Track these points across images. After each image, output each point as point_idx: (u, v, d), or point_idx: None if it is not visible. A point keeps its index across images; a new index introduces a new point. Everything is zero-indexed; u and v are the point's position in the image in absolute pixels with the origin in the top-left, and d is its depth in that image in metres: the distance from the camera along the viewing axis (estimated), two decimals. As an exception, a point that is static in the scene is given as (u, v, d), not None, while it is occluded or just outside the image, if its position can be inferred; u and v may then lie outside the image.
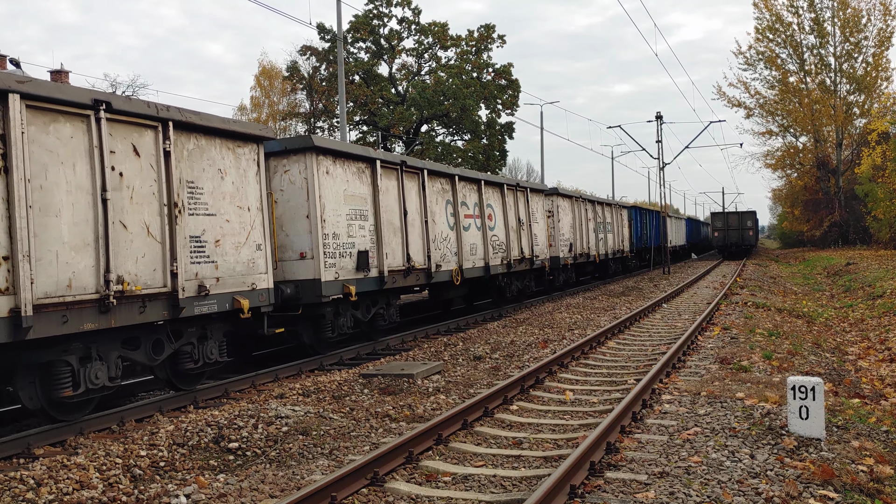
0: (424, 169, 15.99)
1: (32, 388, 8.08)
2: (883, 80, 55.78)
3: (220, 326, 10.41)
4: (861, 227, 55.39)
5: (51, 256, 7.70)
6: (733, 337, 13.56)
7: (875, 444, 6.87)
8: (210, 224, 9.88)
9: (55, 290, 7.71)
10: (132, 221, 8.70)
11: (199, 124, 9.70)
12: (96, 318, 8.10)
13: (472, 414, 8.03)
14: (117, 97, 8.71)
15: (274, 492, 5.98)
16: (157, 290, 8.90)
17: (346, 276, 12.89)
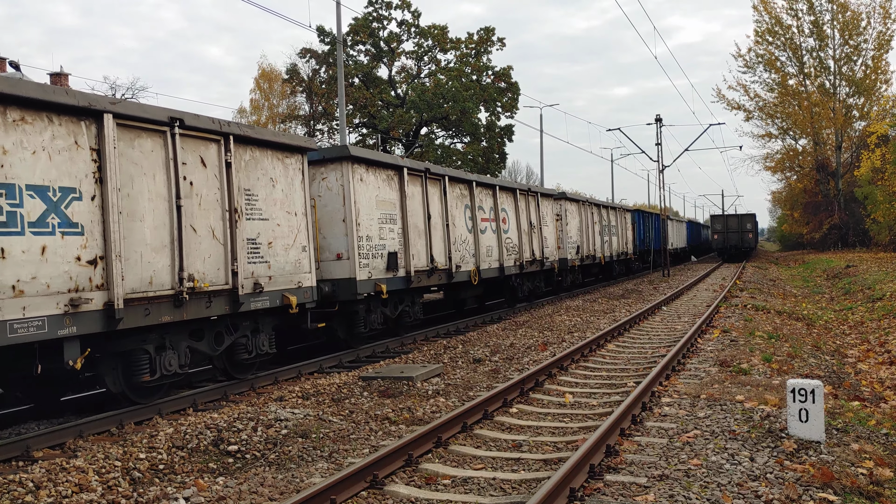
0: (446, 176, 16.94)
1: (115, 373, 9.04)
2: (882, 82, 55.85)
3: (270, 321, 11.41)
4: (860, 230, 55.42)
5: (136, 256, 8.79)
6: (733, 340, 13.55)
7: (875, 446, 6.87)
8: (263, 228, 10.96)
9: (139, 286, 8.78)
10: (200, 225, 9.75)
11: (253, 137, 10.78)
12: (172, 312, 9.16)
13: (471, 417, 8.02)
14: (188, 114, 9.62)
15: (273, 495, 5.97)
16: (220, 287, 9.96)
17: (377, 276, 13.87)
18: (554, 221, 25.25)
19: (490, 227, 19.51)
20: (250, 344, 10.92)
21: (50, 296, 7.75)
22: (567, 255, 26.13)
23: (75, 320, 7.98)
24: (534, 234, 22.74)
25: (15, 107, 7.61)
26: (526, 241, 21.95)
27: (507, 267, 20.23)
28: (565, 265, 25.92)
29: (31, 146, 7.73)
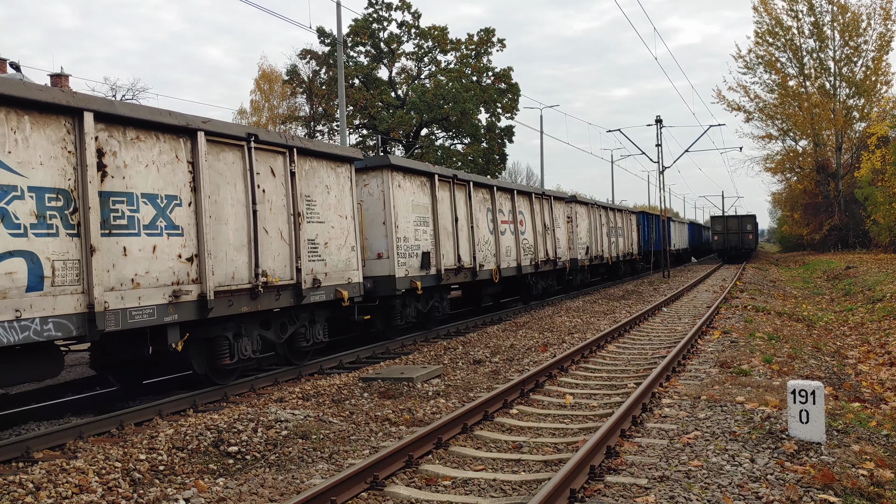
0: (470, 181, 18.31)
1: (201, 357, 10.35)
2: (882, 84, 55.86)
3: (324, 313, 12.80)
4: (861, 231, 55.41)
5: (222, 255, 10.13)
6: (733, 341, 13.55)
7: (875, 448, 6.86)
8: (321, 230, 12.32)
9: (224, 280, 10.13)
10: (271, 228, 11.10)
11: (312, 149, 12.18)
12: (249, 303, 10.53)
13: (471, 418, 8.02)
14: (261, 130, 11.20)
15: (273, 496, 5.97)
16: (286, 282, 11.31)
17: (413, 273, 15.18)
18: (565, 223, 26.51)
19: (509, 228, 20.79)
20: (308, 333, 12.34)
21: (158, 288, 9.11)
22: (577, 255, 27.38)
23: (177, 309, 9.35)
24: (547, 236, 24.02)
25: (132, 127, 8.96)
26: (540, 241, 23.22)
27: (524, 266, 21.49)
28: (576, 265, 27.19)
29: (144, 160, 9.10)
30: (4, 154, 7.54)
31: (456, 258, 17.11)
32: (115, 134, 8.76)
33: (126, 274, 8.70)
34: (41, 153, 7.90)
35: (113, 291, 8.50)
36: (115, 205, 8.68)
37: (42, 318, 7.72)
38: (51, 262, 7.90)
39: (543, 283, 24.05)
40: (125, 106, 9.02)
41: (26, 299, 7.59)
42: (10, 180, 7.57)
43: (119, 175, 8.76)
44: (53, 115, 8.08)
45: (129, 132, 8.90)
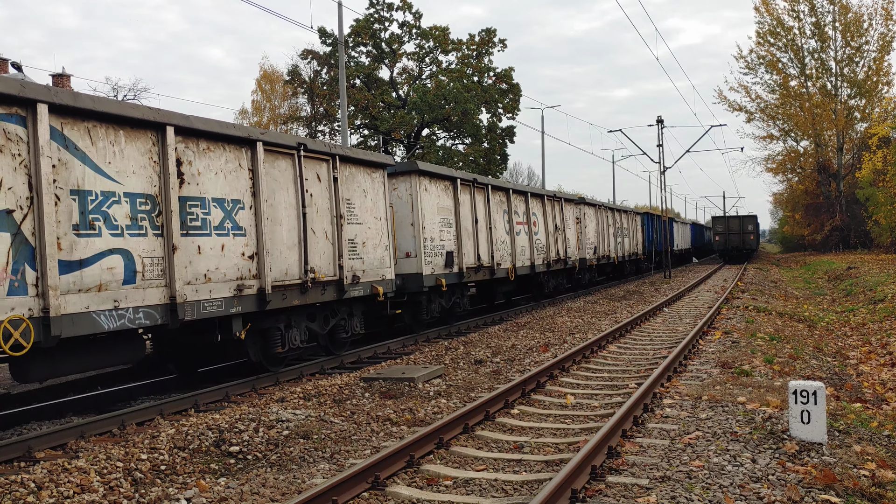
0: (489, 185, 19.42)
1: (257, 346, 11.29)
2: (884, 84, 55.83)
3: (360, 307, 13.82)
4: (862, 232, 55.37)
5: (277, 253, 11.23)
6: (734, 341, 13.54)
7: (877, 448, 6.86)
8: (359, 230, 13.39)
9: (279, 276, 11.20)
10: (317, 229, 12.20)
11: (351, 157, 13.24)
12: (299, 297, 11.60)
13: (473, 418, 8.02)
14: (309, 140, 12.25)
15: (275, 496, 5.97)
16: (330, 278, 12.42)
17: (438, 271, 16.26)
18: (575, 224, 27.56)
19: (523, 229, 21.85)
20: (347, 325, 13.36)
21: (225, 282, 10.16)
22: (586, 254, 28.39)
23: (240, 301, 10.39)
24: (558, 236, 25.18)
25: (203, 139, 10.00)
26: (552, 242, 24.40)
27: (537, 265, 22.63)
28: (584, 264, 28.22)
29: (213, 168, 10.14)
30: (105, 164, 8.65)
31: (476, 257, 18.20)
32: (190, 145, 9.79)
33: (200, 270, 9.78)
34: (133, 163, 8.98)
35: (189, 285, 9.58)
36: (190, 208, 9.74)
37: (134, 308, 8.83)
38: (141, 259, 8.99)
39: (554, 282, 25.18)
40: (199, 120, 9.94)
41: (122, 291, 8.69)
42: (110, 187, 8.69)
43: (194, 182, 9.82)
44: (142, 129, 9.10)
45: (201, 143, 9.98)
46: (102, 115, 8.54)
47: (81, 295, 8.22)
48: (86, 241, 8.33)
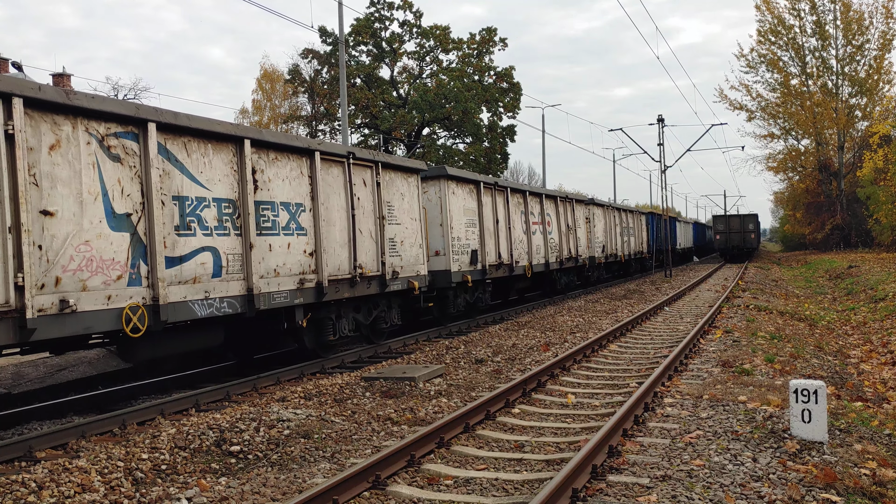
0: (508, 187, 20.72)
1: (311, 334, 12.45)
2: (885, 83, 55.80)
3: (398, 300, 15.08)
4: (863, 230, 55.34)
5: (331, 250, 12.52)
6: (735, 340, 13.53)
7: (878, 447, 6.86)
8: (398, 230, 14.62)
9: (333, 271, 12.49)
10: (363, 229, 13.43)
11: (391, 163, 14.52)
12: (349, 290, 12.90)
13: (473, 417, 8.02)
14: (356, 149, 13.51)
15: (276, 495, 5.97)
16: (374, 274, 13.67)
17: (464, 269, 17.50)
18: (585, 224, 28.75)
19: (539, 229, 23.15)
20: (387, 317, 14.56)
21: (291, 276, 11.41)
22: (595, 253, 29.63)
23: (302, 293, 11.64)
24: (570, 235, 26.44)
25: (272, 150, 11.24)
26: (564, 241, 25.72)
27: (551, 263, 23.94)
28: (593, 262, 29.50)
29: (280, 176, 11.40)
30: (198, 173, 9.87)
31: (497, 255, 19.43)
32: (262, 155, 11.04)
33: (270, 265, 11.02)
34: (219, 172, 10.21)
35: (262, 279, 10.80)
36: (263, 211, 10.98)
37: (220, 298, 10.05)
38: (226, 255, 10.21)
39: (566, 279, 26.58)
40: (269, 133, 11.44)
41: (211, 283, 9.92)
42: (202, 193, 9.90)
43: (265, 188, 11.06)
44: (225, 142, 10.31)
45: (270, 154, 11.23)
46: (195, 130, 9.75)
47: (181, 286, 9.48)
48: (184, 239, 9.59)
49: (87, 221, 8.31)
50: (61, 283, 7.94)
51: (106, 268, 8.50)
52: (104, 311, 8.38)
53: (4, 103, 7.45)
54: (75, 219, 8.18)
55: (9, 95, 7.45)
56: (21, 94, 7.54)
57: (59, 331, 7.88)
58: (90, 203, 8.37)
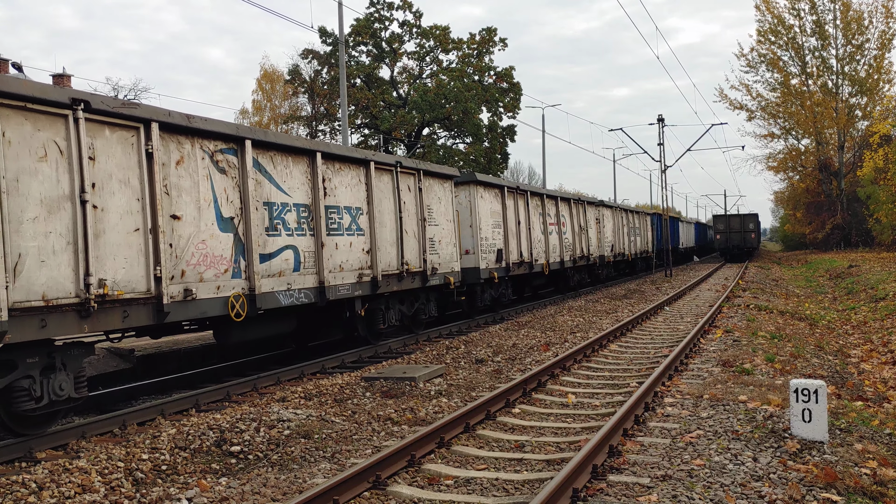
0: (528, 191, 22.46)
1: (364, 323, 13.91)
2: (885, 82, 55.72)
3: (435, 294, 16.49)
4: (863, 230, 55.29)
5: (383, 249, 13.95)
6: (735, 340, 13.53)
7: (878, 446, 6.85)
8: (435, 231, 16.06)
9: (384, 267, 13.91)
10: (408, 229, 14.85)
11: (430, 170, 16.00)
12: (397, 284, 14.36)
13: (474, 417, 8.01)
14: (403, 158, 15.10)
15: (276, 495, 5.97)
16: (417, 270, 15.11)
17: (491, 266, 18.98)
18: (595, 224, 30.13)
19: (555, 230, 24.62)
20: (426, 309, 16.08)
21: (351, 271, 12.96)
22: (604, 252, 31.13)
23: (361, 286, 13.16)
24: (582, 235, 27.93)
25: (337, 161, 12.83)
26: (577, 240, 27.26)
27: (566, 261, 25.52)
28: (603, 261, 30.95)
29: (343, 183, 12.98)
30: (282, 182, 11.43)
31: (519, 254, 20.87)
32: (329, 166, 12.58)
33: (336, 261, 12.56)
34: (297, 181, 11.79)
35: (331, 273, 12.32)
36: (330, 214, 12.51)
37: (299, 289, 11.56)
38: (303, 252, 11.78)
39: (578, 277, 28.23)
40: (335, 146, 13.21)
41: (292, 276, 11.48)
42: (285, 199, 11.49)
43: (332, 194, 12.60)
44: (301, 155, 11.93)
45: (335, 164, 12.80)
46: (279, 146, 11.37)
47: (269, 279, 10.93)
48: (272, 239, 11.11)
49: (203, 224, 9.82)
50: (185, 276, 9.45)
51: (216, 263, 10.00)
52: (215, 299, 9.87)
53: (145, 127, 8.86)
54: (195, 222, 9.69)
55: (148, 121, 8.87)
56: (157, 119, 8.99)
57: (184, 314, 9.36)
58: (205, 208, 9.90)
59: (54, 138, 7.78)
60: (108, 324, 8.29)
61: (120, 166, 8.57)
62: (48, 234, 7.62)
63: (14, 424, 7.78)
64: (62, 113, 7.82)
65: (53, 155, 7.76)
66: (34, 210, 7.49)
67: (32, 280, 7.40)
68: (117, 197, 8.50)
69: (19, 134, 7.42)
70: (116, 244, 8.43)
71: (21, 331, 7.20)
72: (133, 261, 8.63)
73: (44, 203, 7.60)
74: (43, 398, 7.73)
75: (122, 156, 8.62)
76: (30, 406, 7.59)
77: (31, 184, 7.49)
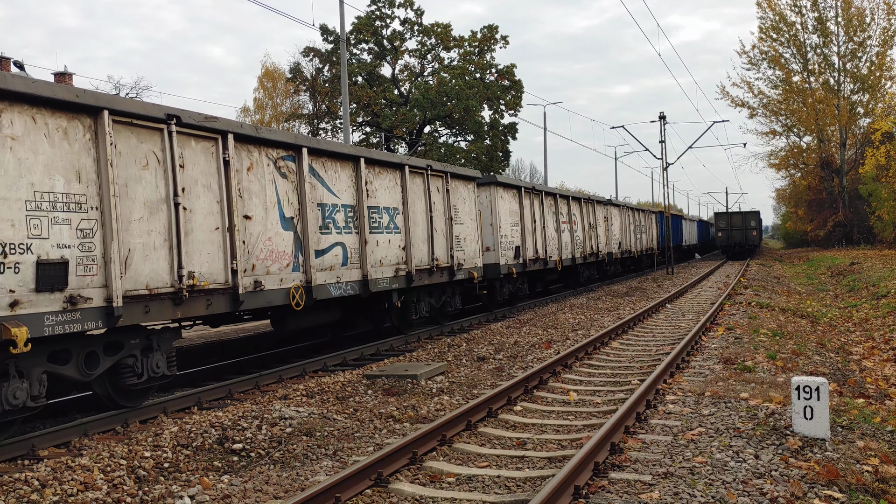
0: (543, 191, 23.67)
1: (398, 314, 15.12)
2: (887, 79, 55.60)
3: (459, 288, 17.61)
4: (865, 227, 55.23)
5: (416, 246, 15.12)
6: (737, 337, 13.53)
7: (880, 444, 6.85)
8: (461, 229, 17.17)
9: (417, 263, 15.08)
10: (438, 228, 16.03)
11: (457, 173, 17.23)
12: (428, 278, 15.50)
13: (475, 415, 8.02)
14: (433, 162, 16.24)
15: (278, 493, 5.98)
16: (445, 265, 16.24)
17: (510, 262, 20.08)
18: (604, 222, 31.14)
19: (567, 228, 25.75)
20: (452, 301, 17.21)
21: (389, 266, 14.08)
22: (612, 249, 32.22)
23: (397, 280, 14.29)
24: (592, 233, 28.99)
25: (377, 165, 13.93)
26: (587, 238, 28.38)
27: (577, 258, 26.60)
28: (611, 257, 32.05)
29: (382, 185, 14.08)
30: (332, 185, 12.63)
31: (534, 251, 22.01)
32: (371, 170, 13.71)
33: (377, 257, 13.66)
34: (344, 184, 12.99)
35: (372, 267, 13.44)
36: (372, 214, 13.62)
37: (346, 282, 12.76)
38: (349, 249, 12.94)
39: (588, 273, 29.38)
40: (376, 153, 14.29)
41: (340, 270, 12.67)
42: (335, 201, 12.69)
43: (373, 195, 13.73)
44: (347, 161, 13.12)
45: (376, 168, 13.94)
46: (329, 152, 12.56)
47: (322, 272, 12.12)
48: (325, 237, 12.30)
49: (269, 223, 10.99)
50: (255, 269, 10.60)
51: (279, 257, 11.14)
52: (279, 289, 11.03)
53: (222, 138, 10.01)
54: (262, 221, 10.86)
55: (225, 132, 10.02)
56: (232, 131, 10.17)
57: (254, 303, 10.53)
58: (270, 209, 11.06)
59: (153, 149, 9.00)
60: (196, 310, 9.45)
61: (203, 173, 9.76)
62: (150, 232, 8.85)
63: (118, 397, 9.06)
64: (159, 127, 9.02)
65: (153, 164, 8.98)
66: (139, 212, 8.74)
67: (138, 272, 8.65)
68: (201, 200, 9.69)
69: (127, 146, 8.65)
70: (201, 241, 9.61)
71: (130, 315, 8.44)
72: (214, 256, 9.81)
73: (146, 205, 8.84)
74: (143, 374, 8.99)
75: (204, 163, 9.80)
76: (133, 381, 8.88)
77: (136, 189, 8.73)
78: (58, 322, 7.62)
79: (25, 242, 7.41)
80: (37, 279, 7.43)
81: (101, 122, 8.21)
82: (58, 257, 7.68)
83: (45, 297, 7.53)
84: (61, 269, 7.65)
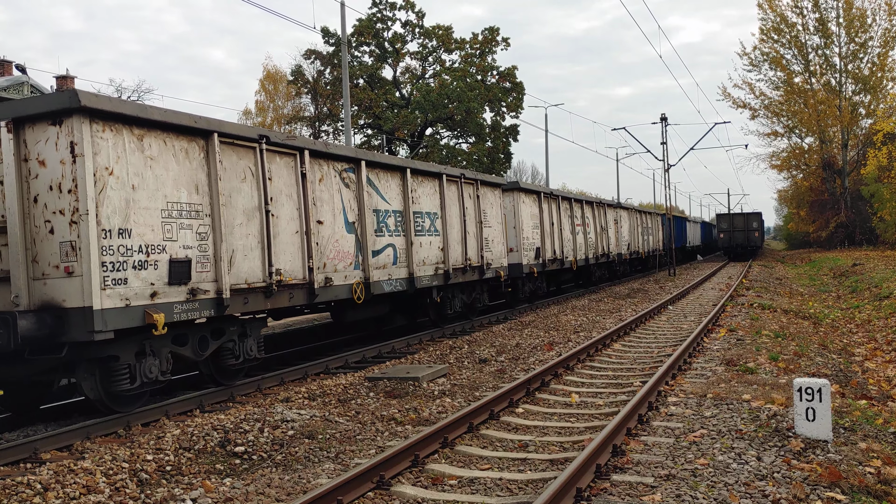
0: (559, 196, 25.27)
1: (435, 310, 16.47)
2: (888, 80, 55.46)
3: (486, 286, 19.05)
4: (867, 228, 55.14)
5: (452, 247, 16.60)
6: (739, 339, 13.52)
7: (882, 445, 6.85)
8: (489, 232, 18.60)
9: (454, 262, 16.51)
10: (469, 230, 17.46)
11: (486, 181, 18.81)
12: (462, 276, 16.91)
13: (477, 417, 8.02)
14: (466, 171, 17.86)
15: (280, 496, 5.98)
16: (476, 264, 17.68)
17: (531, 262, 21.63)
18: (614, 225, 32.69)
19: (581, 230, 27.23)
20: (480, 298, 18.65)
21: (430, 265, 15.55)
22: (622, 250, 33.79)
23: (437, 278, 15.80)
24: (603, 235, 30.59)
25: (420, 174, 15.48)
26: (599, 240, 29.98)
27: (589, 258, 28.11)
28: (620, 258, 33.62)
29: (424, 192, 15.61)
30: (385, 193, 14.14)
31: (552, 252, 23.54)
32: (415, 178, 15.24)
33: (420, 257, 15.16)
34: (393, 192, 14.52)
35: (417, 266, 14.91)
36: (416, 218, 15.08)
37: (396, 279, 14.24)
38: (398, 250, 14.44)
39: (599, 273, 30.84)
40: (419, 163, 15.79)
41: (391, 269, 14.15)
42: (386, 207, 14.18)
43: (417, 201, 15.24)
44: (395, 171, 14.64)
45: (419, 177, 15.45)
46: (382, 164, 14.13)
47: (377, 270, 13.59)
48: (379, 239, 13.82)
49: (336, 227, 12.59)
50: (325, 267, 12.16)
51: (344, 257, 12.72)
52: (344, 285, 12.55)
53: (300, 154, 11.62)
54: (331, 226, 12.43)
55: (302, 149, 11.66)
56: (307, 147, 11.82)
57: (325, 297, 12.07)
58: (337, 215, 12.65)
59: (249, 165, 10.53)
60: (281, 302, 10.97)
61: (286, 184, 11.33)
62: (248, 235, 10.40)
63: (218, 376, 10.54)
64: (252, 145, 10.57)
65: (249, 177, 10.52)
66: (240, 218, 10.26)
67: (240, 269, 10.18)
68: (285, 207, 11.23)
69: (230, 162, 10.15)
70: (285, 243, 11.14)
71: (234, 305, 9.98)
72: (294, 255, 11.32)
73: (244, 213, 10.36)
74: (240, 356, 10.59)
75: (287, 176, 11.37)
76: (232, 361, 10.47)
77: (237, 199, 10.25)
78: (183, 310, 9.20)
79: (161, 244, 8.99)
80: (169, 274, 9.00)
81: (211, 142, 9.72)
82: (183, 256, 9.26)
83: (175, 289, 9.12)
84: (186, 266, 9.23)
